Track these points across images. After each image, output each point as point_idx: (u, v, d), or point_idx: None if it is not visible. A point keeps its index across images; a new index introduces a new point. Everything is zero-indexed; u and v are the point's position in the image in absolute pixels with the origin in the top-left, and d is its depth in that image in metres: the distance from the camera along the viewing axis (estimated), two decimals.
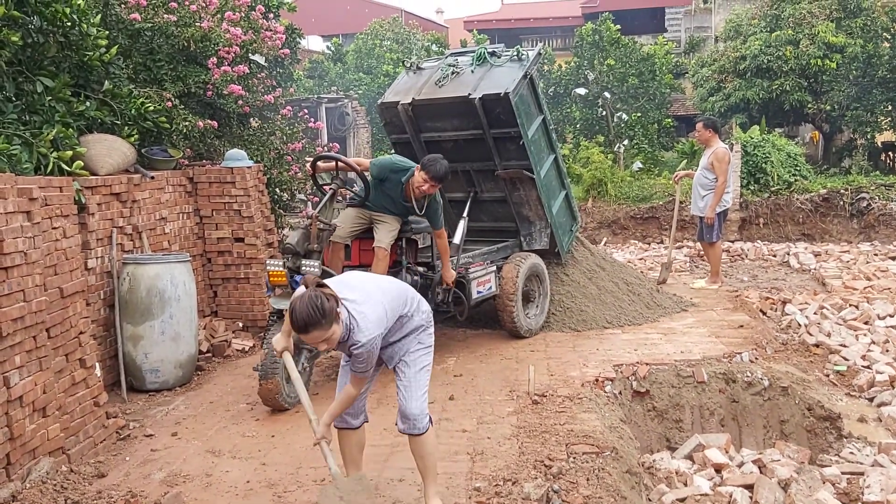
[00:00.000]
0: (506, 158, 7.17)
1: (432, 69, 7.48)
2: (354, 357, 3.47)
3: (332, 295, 3.29)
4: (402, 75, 7.73)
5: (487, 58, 7.22)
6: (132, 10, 7.35)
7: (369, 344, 3.40)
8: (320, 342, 3.31)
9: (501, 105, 6.77)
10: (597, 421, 5.03)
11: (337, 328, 3.31)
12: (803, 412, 5.96)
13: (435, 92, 7.12)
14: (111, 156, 6.18)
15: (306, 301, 3.22)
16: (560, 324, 7.46)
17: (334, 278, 3.67)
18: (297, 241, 5.50)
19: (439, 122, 7.27)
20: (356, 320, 3.39)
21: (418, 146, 7.34)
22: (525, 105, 7.03)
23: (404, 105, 7.14)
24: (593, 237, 14.41)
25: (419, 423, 3.74)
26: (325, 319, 3.23)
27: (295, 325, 3.26)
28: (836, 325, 7.87)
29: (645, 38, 26.34)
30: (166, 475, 4.46)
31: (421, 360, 3.79)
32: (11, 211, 4.12)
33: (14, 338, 4.07)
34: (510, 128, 6.91)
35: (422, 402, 3.75)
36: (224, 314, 7.55)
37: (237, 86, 7.91)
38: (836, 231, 14.32)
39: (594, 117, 19.66)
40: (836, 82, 16.90)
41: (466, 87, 6.95)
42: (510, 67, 7.06)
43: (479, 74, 7.11)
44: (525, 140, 6.94)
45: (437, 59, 7.86)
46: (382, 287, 3.64)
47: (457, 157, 7.40)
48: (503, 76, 6.96)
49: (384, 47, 25.33)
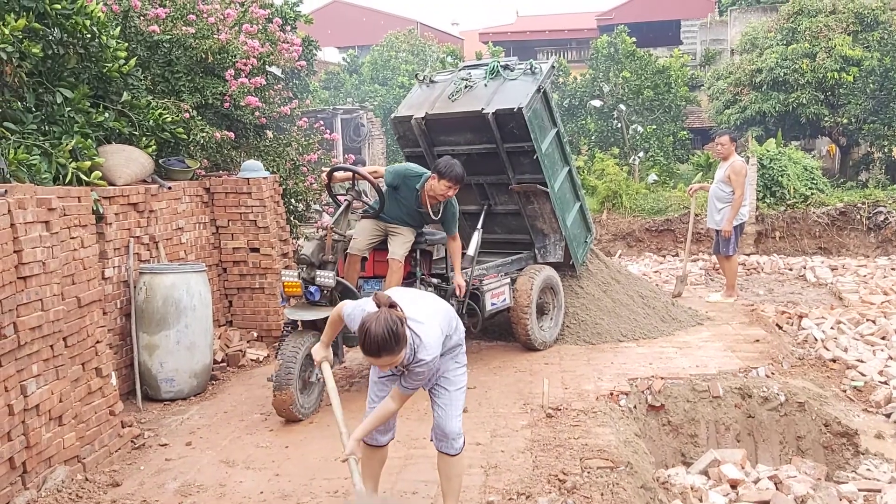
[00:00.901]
0: (519, 172, 7.17)
1: (445, 82, 7.49)
2: (412, 375, 3.42)
3: (401, 317, 3.22)
4: (414, 88, 7.75)
5: (500, 71, 7.22)
6: (151, 22, 7.43)
7: (433, 363, 3.37)
8: (385, 366, 3.27)
9: (515, 120, 6.76)
10: (611, 435, 5.01)
11: (405, 352, 3.26)
12: (820, 428, 5.90)
13: (448, 106, 7.14)
14: (129, 166, 6.23)
15: (382, 325, 3.12)
16: (575, 336, 7.44)
17: (395, 295, 3.50)
18: (311, 252, 5.52)
19: (452, 136, 7.28)
20: (420, 339, 3.34)
21: (431, 160, 7.35)
22: (538, 119, 7.02)
23: (417, 119, 7.17)
24: (608, 249, 14.37)
25: (456, 443, 3.73)
26: (398, 345, 3.17)
27: (368, 348, 3.16)
28: (853, 340, 7.80)
29: (660, 50, 26.30)
30: (180, 485, 4.47)
31: (459, 379, 3.78)
32: (30, 221, 4.16)
33: (32, 346, 4.10)
34: (524, 142, 6.91)
35: (459, 421, 3.74)
36: (239, 324, 7.57)
37: (254, 97, 7.97)
38: (853, 245, 14.21)
39: (609, 129, 19.64)
40: (853, 95, 16.80)
41: (479, 102, 6.96)
42: (523, 81, 7.06)
43: (492, 88, 7.11)
44: (539, 154, 6.93)
45: (451, 71, 7.87)
46: (435, 306, 3.62)
47: (470, 171, 7.38)
48: (516, 90, 6.96)
49: (400, 59, 25.46)
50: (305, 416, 5.45)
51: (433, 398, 3.79)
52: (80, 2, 5.85)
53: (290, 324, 5.68)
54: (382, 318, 3.14)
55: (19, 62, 5.53)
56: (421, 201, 5.93)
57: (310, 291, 5.49)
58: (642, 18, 32.63)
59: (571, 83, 21.19)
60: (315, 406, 5.57)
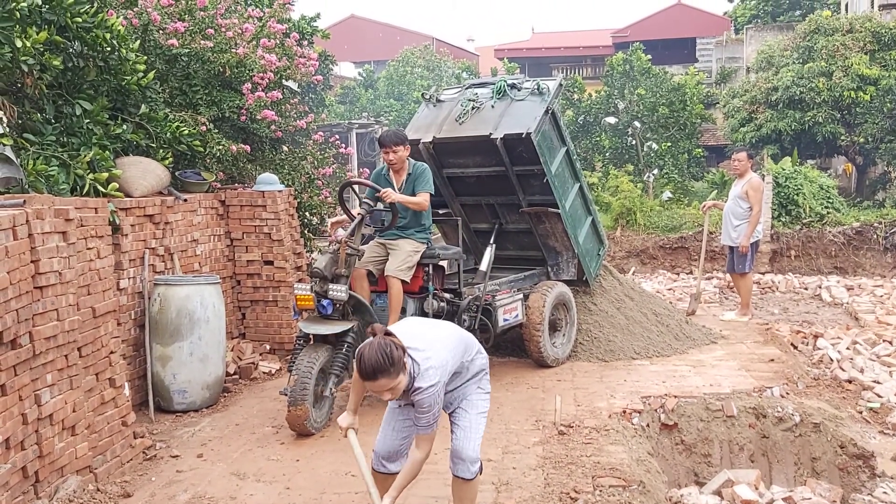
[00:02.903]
0: (530, 193, 7.13)
1: (452, 102, 7.38)
2: (418, 408, 3.42)
3: (399, 345, 3.28)
4: (421, 108, 7.66)
5: (507, 91, 7.07)
6: (170, 36, 7.51)
7: (432, 391, 3.37)
8: (385, 391, 3.29)
9: (523, 144, 6.67)
10: (624, 453, 4.97)
11: (403, 378, 3.29)
12: (835, 449, 5.83)
13: (455, 130, 7.03)
14: (145, 178, 6.28)
15: (375, 348, 3.21)
16: (587, 354, 7.40)
17: (396, 327, 3.59)
18: (324, 266, 5.51)
19: (461, 159, 7.24)
20: (419, 366, 3.37)
21: (441, 181, 7.34)
22: (547, 141, 6.91)
23: (425, 143, 7.11)
24: (622, 266, 14.32)
25: (472, 468, 3.70)
26: (393, 367, 3.21)
27: (363, 372, 3.23)
28: (870, 360, 7.73)
29: (676, 68, 26.35)
30: (191, 497, 4.47)
31: (481, 403, 3.78)
32: (48, 231, 4.19)
33: (46, 356, 4.12)
34: (533, 165, 6.82)
35: (478, 446, 3.73)
36: (252, 336, 7.59)
37: (270, 111, 8.02)
38: (869, 265, 14.11)
39: (624, 146, 19.65)
40: (869, 115, 16.74)
41: (487, 126, 6.84)
42: (531, 102, 6.92)
43: (499, 110, 6.98)
44: (549, 177, 6.84)
45: (457, 88, 7.77)
46: (442, 335, 3.63)
47: (480, 192, 7.39)
48: (524, 112, 6.84)
49: (415, 74, 25.61)
50: (317, 431, 5.44)
51: (453, 421, 3.79)
52: (100, 15, 5.92)
53: (303, 337, 5.68)
54: (376, 343, 3.24)
55: (40, 74, 5.60)
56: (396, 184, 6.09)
57: (322, 305, 5.49)
58: (658, 36, 32.67)
59: (586, 100, 21.23)
60: (326, 420, 5.56)
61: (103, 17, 5.96)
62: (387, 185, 6.08)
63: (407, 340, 3.38)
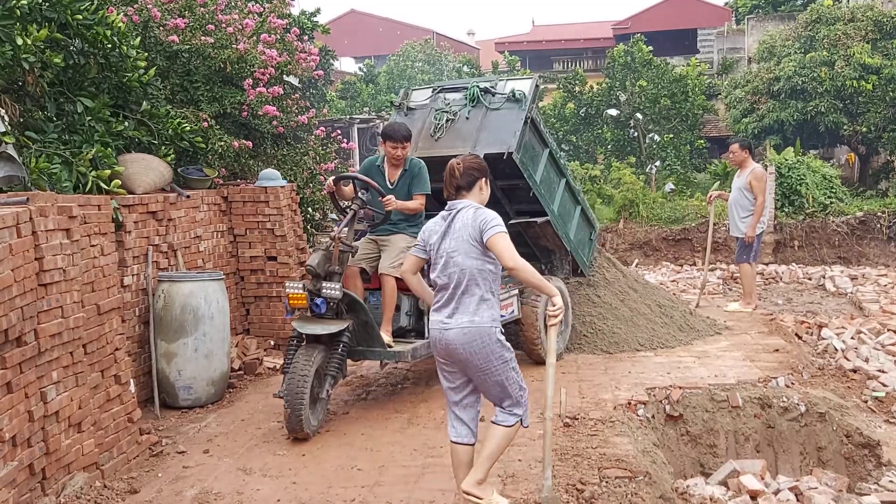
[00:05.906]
0: (516, 202, 7.00)
1: (424, 111, 6.93)
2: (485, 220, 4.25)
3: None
4: (393, 117, 7.28)
5: (481, 98, 6.66)
6: (171, 32, 7.50)
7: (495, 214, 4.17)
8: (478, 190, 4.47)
9: (505, 162, 6.36)
10: (629, 445, 4.97)
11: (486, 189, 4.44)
12: (841, 439, 5.83)
13: (432, 147, 6.65)
14: (148, 175, 6.29)
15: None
16: (592, 346, 7.38)
17: None
18: (317, 263, 5.36)
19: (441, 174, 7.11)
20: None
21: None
22: (530, 151, 6.64)
23: None
24: (625, 258, 14.29)
25: (516, 409, 3.98)
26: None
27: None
28: (874, 350, 7.71)
29: (677, 59, 26.26)
30: (198, 492, 4.48)
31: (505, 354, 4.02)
32: (51, 228, 4.20)
33: (52, 353, 4.13)
34: (517, 179, 6.60)
35: (515, 391, 4.00)
36: (256, 332, 7.60)
37: (272, 107, 8.02)
38: (872, 254, 14.07)
39: (626, 138, 19.61)
40: (872, 104, 16.67)
41: (465, 142, 6.48)
42: (508, 110, 6.55)
43: (475, 122, 6.61)
44: (534, 188, 6.63)
45: (428, 90, 7.24)
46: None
47: None
48: (502, 124, 6.49)
49: (416, 69, 25.59)
50: (313, 433, 5.30)
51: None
52: (101, 12, 5.92)
53: (297, 336, 5.50)
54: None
55: (41, 72, 5.60)
56: (390, 179, 6.00)
57: (315, 304, 5.33)
58: (659, 27, 32.57)
59: (588, 92, 21.17)
60: (321, 422, 5.44)
61: (104, 14, 5.96)
62: (380, 176, 5.98)
63: None
